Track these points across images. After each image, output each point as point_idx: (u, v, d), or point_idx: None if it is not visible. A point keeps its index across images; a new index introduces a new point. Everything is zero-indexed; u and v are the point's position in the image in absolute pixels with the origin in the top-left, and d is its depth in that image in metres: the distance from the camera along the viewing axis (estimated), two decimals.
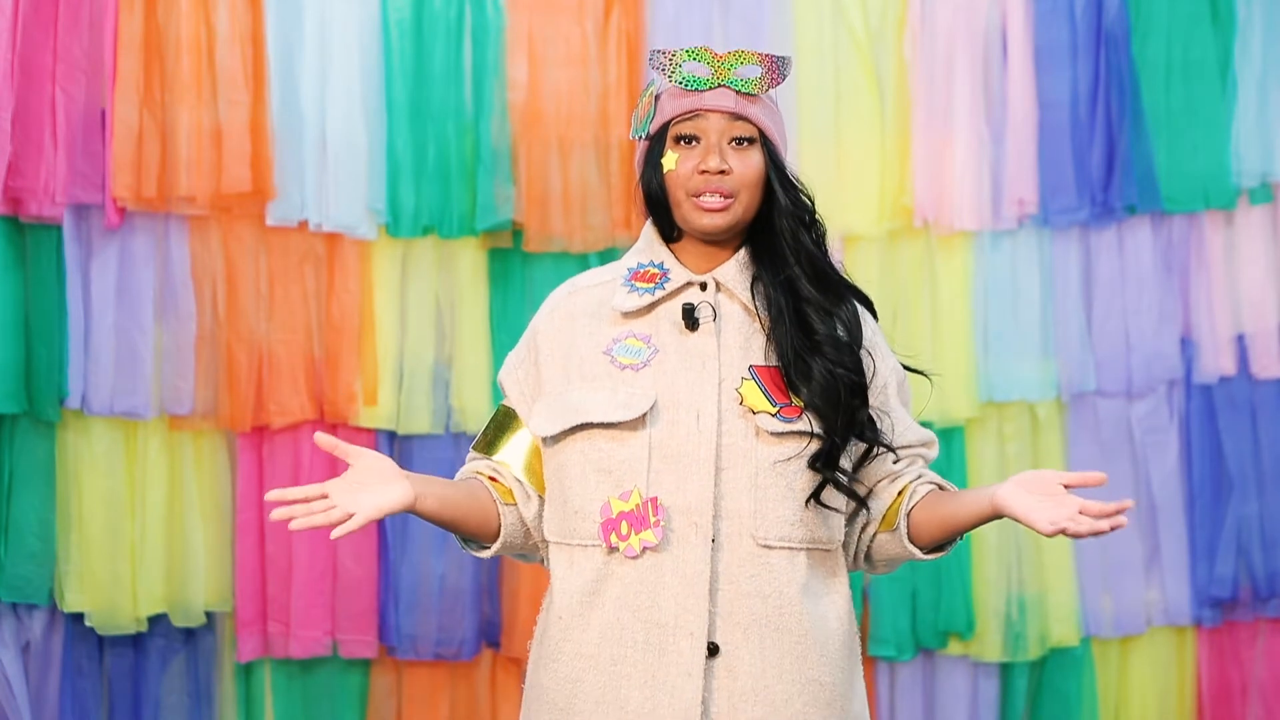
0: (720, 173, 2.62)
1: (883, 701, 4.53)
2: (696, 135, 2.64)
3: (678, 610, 2.56)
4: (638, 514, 2.57)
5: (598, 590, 2.60)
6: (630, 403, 2.60)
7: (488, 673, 4.47)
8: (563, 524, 2.65)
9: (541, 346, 2.70)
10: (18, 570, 4.26)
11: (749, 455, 2.59)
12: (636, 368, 2.62)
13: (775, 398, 2.61)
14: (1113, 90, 4.51)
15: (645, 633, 2.57)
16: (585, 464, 2.61)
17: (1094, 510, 2.49)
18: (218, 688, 4.40)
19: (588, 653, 2.60)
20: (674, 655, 2.56)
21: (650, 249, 2.71)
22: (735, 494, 2.58)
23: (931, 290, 4.51)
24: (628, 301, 2.66)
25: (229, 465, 4.38)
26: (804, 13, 4.47)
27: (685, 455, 2.59)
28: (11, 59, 4.19)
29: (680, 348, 2.63)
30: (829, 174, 4.45)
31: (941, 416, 4.45)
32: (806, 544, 2.61)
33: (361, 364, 4.37)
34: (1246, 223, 4.61)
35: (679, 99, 2.66)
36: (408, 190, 4.35)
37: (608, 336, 2.66)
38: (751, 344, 2.64)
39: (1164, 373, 4.56)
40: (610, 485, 2.59)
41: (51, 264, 4.26)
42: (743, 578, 2.58)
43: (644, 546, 2.57)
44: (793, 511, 2.60)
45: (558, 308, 2.72)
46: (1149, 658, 4.60)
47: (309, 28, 4.35)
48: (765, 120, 2.67)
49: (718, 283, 2.67)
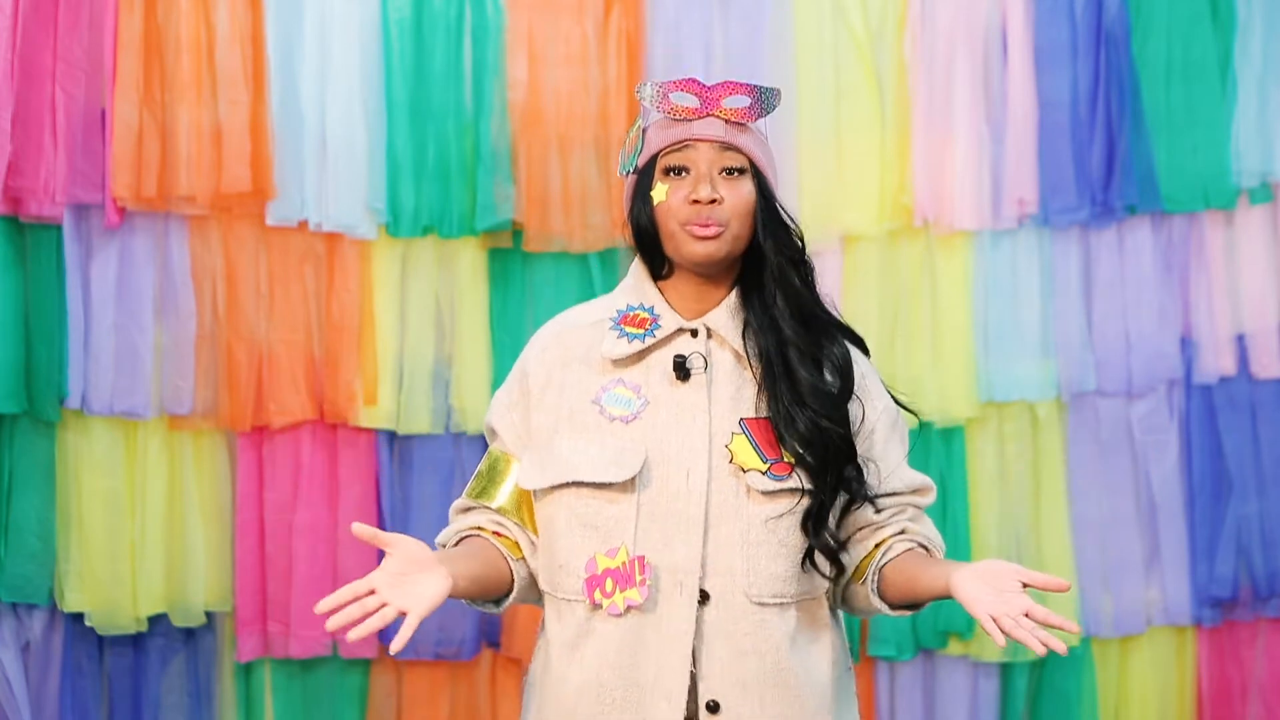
0: (711, 202, 2.57)
1: (883, 701, 4.53)
2: (686, 166, 2.60)
3: (657, 671, 2.54)
4: (624, 572, 2.55)
5: (578, 646, 2.58)
6: (621, 460, 2.57)
7: (488, 673, 4.47)
8: (550, 576, 2.63)
9: (532, 390, 2.67)
10: (18, 570, 4.27)
11: (739, 513, 2.57)
12: (626, 420, 2.59)
13: (766, 453, 2.58)
14: (1113, 90, 4.51)
15: (624, 692, 2.55)
16: (572, 518, 2.59)
17: (1038, 617, 2.41)
18: (218, 688, 4.40)
19: (567, 707, 2.58)
20: (651, 715, 2.54)
21: (640, 289, 2.67)
22: (727, 552, 2.56)
23: (931, 290, 4.51)
24: (617, 348, 2.62)
25: (229, 465, 4.38)
26: (804, 12, 4.47)
27: (674, 514, 2.56)
28: (11, 59, 4.19)
29: (671, 400, 2.60)
30: (829, 174, 4.45)
31: (941, 416, 4.45)
32: (797, 597, 2.60)
33: (361, 364, 4.37)
34: (1246, 223, 4.61)
35: (667, 130, 2.62)
36: (408, 190, 4.35)
37: (597, 385, 2.62)
38: (742, 394, 2.61)
39: (1164, 373, 4.56)
40: (597, 541, 2.57)
41: (51, 264, 4.26)
42: (738, 634, 2.56)
43: (628, 605, 2.54)
44: (785, 568, 2.58)
45: (547, 349, 2.68)
46: (1149, 658, 4.59)
47: (309, 28, 4.35)
48: (755, 150, 2.62)
49: (709, 329, 2.63)
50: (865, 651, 4.47)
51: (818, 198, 4.43)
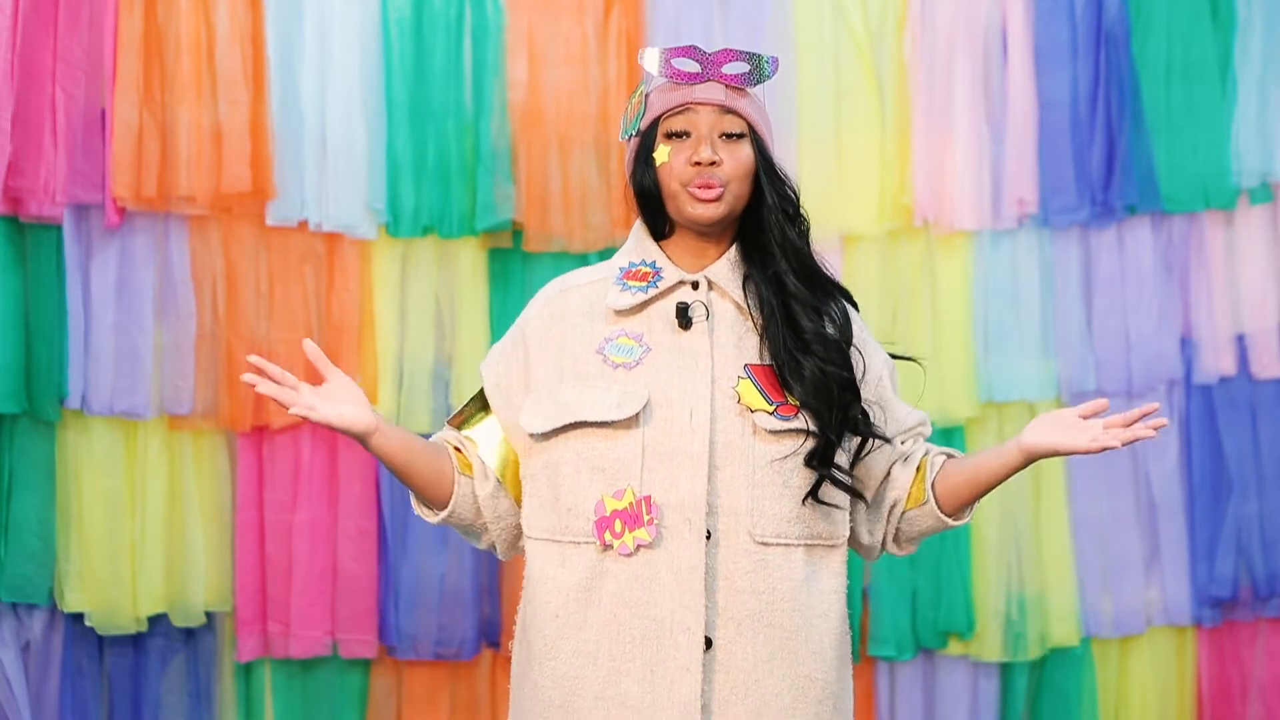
0: (712, 164, 2.64)
1: (883, 701, 4.53)
2: (687, 130, 2.67)
3: (674, 606, 2.58)
4: (631, 512, 2.59)
5: (592, 588, 2.62)
6: (624, 401, 2.62)
7: (488, 673, 4.47)
8: (554, 521, 2.66)
9: (532, 343, 2.72)
10: (18, 570, 4.27)
11: (746, 453, 2.62)
12: (629, 366, 2.65)
13: (771, 396, 2.64)
14: (1113, 90, 4.51)
15: (643, 628, 2.59)
16: (578, 461, 2.63)
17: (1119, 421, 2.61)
18: (218, 688, 4.40)
19: (587, 650, 2.61)
20: (671, 650, 2.58)
21: (641, 247, 2.73)
22: (732, 491, 2.61)
23: (931, 290, 4.51)
24: (620, 300, 2.68)
25: (229, 465, 4.38)
26: (804, 12, 4.47)
27: (678, 452, 2.60)
28: (11, 59, 4.19)
29: (673, 346, 2.65)
30: (829, 173, 4.45)
31: (941, 416, 4.45)
32: (804, 540, 2.63)
33: (361, 364, 4.37)
34: (1246, 223, 4.61)
35: (669, 94, 2.69)
36: (408, 190, 4.35)
37: (600, 335, 2.68)
38: (745, 343, 2.67)
39: (1164, 372, 4.56)
40: (604, 483, 2.61)
41: (51, 264, 4.26)
42: (738, 574, 2.60)
43: (638, 544, 2.59)
44: (789, 509, 2.62)
45: (548, 304, 2.74)
46: (1149, 657, 4.59)
47: (309, 28, 4.35)
48: (754, 114, 2.70)
49: (710, 281, 2.69)
50: (865, 651, 4.47)
51: (818, 198, 4.42)
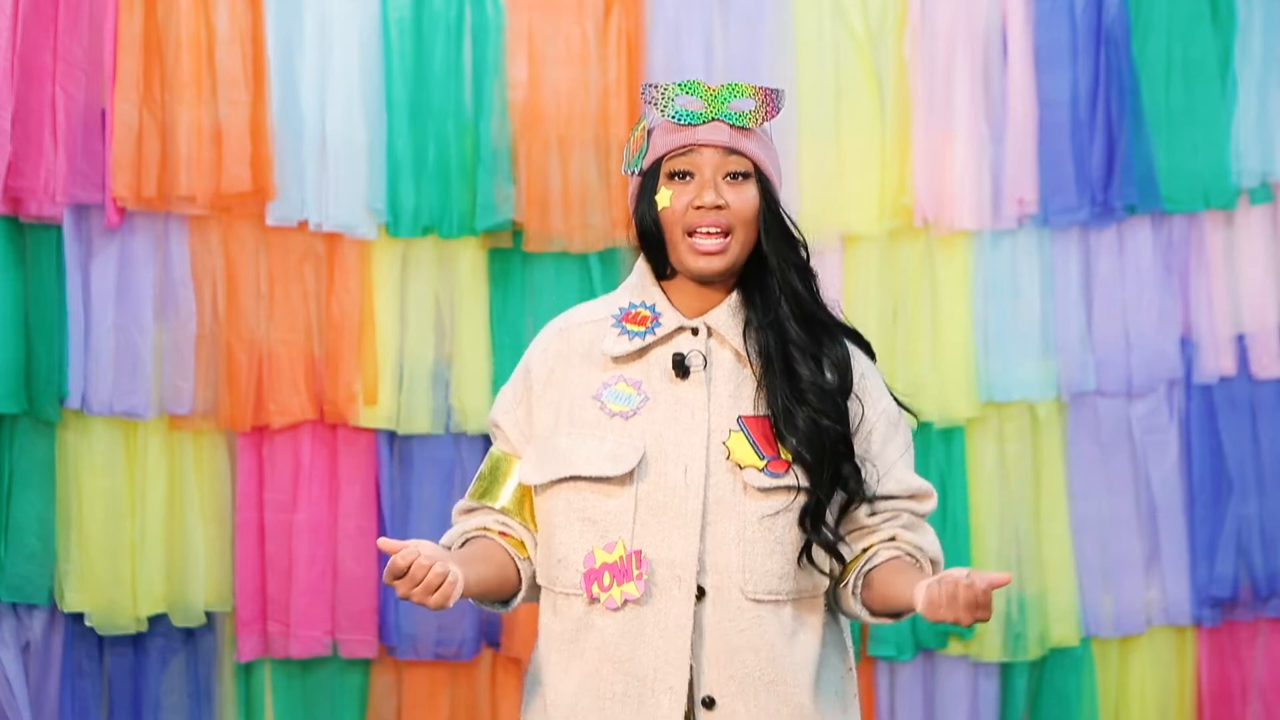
0: (716, 208, 2.58)
1: (883, 701, 4.53)
2: (690, 171, 2.61)
3: (657, 664, 2.55)
4: (621, 566, 2.56)
5: (577, 639, 2.59)
6: (619, 454, 2.58)
7: (488, 673, 4.47)
8: (547, 570, 2.64)
9: (535, 387, 2.69)
10: (18, 570, 4.26)
11: (736, 510, 2.58)
12: (626, 415, 2.60)
13: (763, 450, 2.59)
14: (1113, 90, 4.51)
15: (624, 685, 2.56)
16: (570, 513, 2.60)
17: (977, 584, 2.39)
18: (218, 688, 4.40)
19: (567, 703, 2.59)
20: (652, 709, 2.55)
21: (642, 287, 2.68)
22: (723, 548, 2.57)
23: (931, 290, 4.50)
24: (617, 345, 2.64)
25: (229, 465, 4.38)
26: (804, 12, 4.47)
27: (672, 509, 2.57)
28: (11, 59, 4.18)
29: (670, 397, 2.61)
30: (829, 173, 4.45)
31: (941, 416, 4.45)
32: (793, 595, 2.60)
33: (361, 364, 4.37)
34: (1246, 223, 4.61)
35: (672, 134, 2.63)
36: (407, 190, 4.35)
37: (598, 381, 2.64)
38: (741, 392, 2.62)
39: (1164, 373, 4.56)
40: (595, 535, 2.58)
41: (51, 264, 4.26)
42: (733, 631, 2.56)
43: (625, 599, 2.55)
44: (781, 566, 2.58)
45: (550, 346, 2.71)
46: (1149, 658, 4.59)
47: (309, 28, 4.35)
48: (760, 154, 2.63)
49: (709, 328, 2.64)
50: (865, 651, 4.47)
51: (818, 198, 4.43)
